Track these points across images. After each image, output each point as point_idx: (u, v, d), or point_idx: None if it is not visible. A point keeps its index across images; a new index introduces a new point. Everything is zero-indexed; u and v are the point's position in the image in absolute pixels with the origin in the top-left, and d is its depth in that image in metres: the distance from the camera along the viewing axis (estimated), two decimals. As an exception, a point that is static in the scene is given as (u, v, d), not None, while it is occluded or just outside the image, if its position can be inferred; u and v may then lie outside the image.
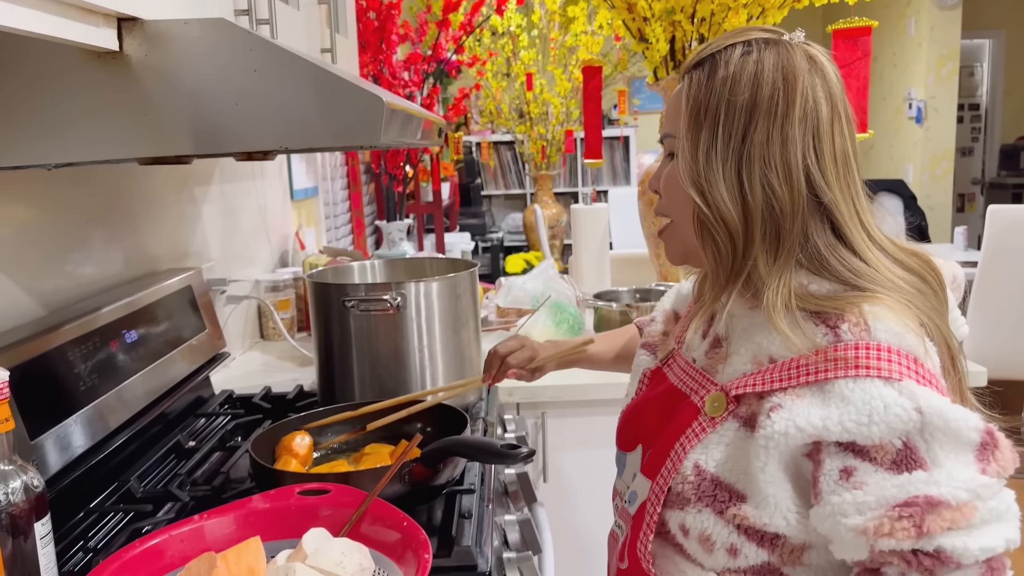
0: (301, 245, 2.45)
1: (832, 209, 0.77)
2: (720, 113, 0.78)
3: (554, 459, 1.72)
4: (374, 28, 2.91)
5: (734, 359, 0.80)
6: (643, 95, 5.79)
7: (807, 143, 0.77)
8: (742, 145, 0.77)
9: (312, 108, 0.91)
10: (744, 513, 0.74)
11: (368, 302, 1.35)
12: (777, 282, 0.76)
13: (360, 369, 1.40)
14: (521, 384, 1.69)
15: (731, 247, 0.78)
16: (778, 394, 0.73)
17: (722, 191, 0.77)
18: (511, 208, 5.95)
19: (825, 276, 0.77)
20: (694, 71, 0.82)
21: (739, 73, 0.78)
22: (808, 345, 0.73)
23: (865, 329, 0.72)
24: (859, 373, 0.69)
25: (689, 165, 0.79)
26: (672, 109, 0.85)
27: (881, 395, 0.68)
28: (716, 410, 0.78)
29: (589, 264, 2.30)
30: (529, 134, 4.82)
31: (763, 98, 0.77)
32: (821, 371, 0.71)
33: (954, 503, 0.64)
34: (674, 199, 0.85)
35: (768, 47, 0.79)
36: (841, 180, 0.78)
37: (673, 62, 2.16)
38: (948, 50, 5.54)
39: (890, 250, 0.80)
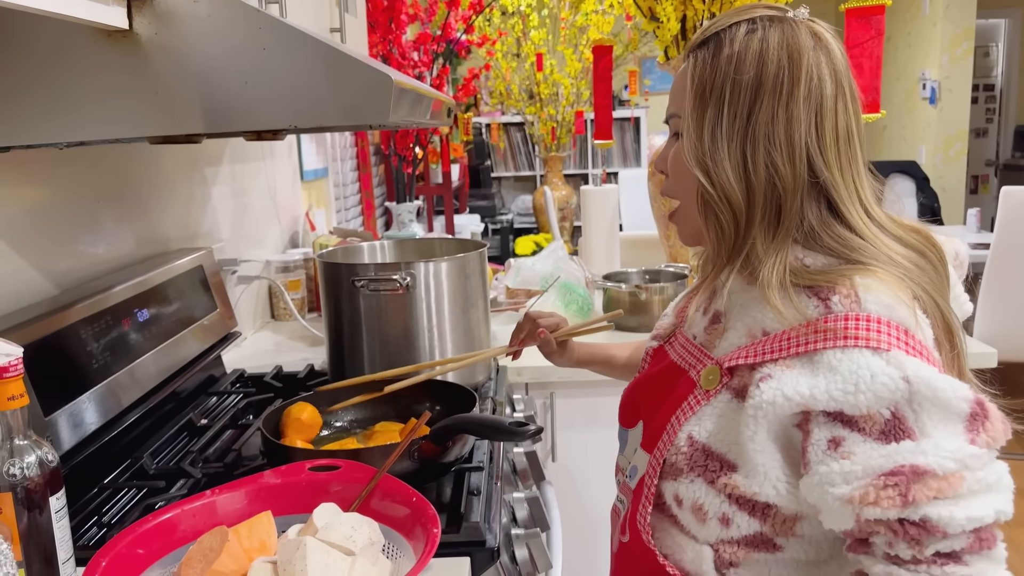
0: (311, 226, 2.45)
1: (829, 188, 0.77)
2: (725, 92, 0.78)
3: (562, 438, 1.73)
4: (383, 8, 2.90)
5: (730, 334, 0.81)
6: (654, 76, 5.76)
7: (810, 121, 0.77)
8: (747, 124, 0.77)
9: (321, 86, 0.91)
10: (734, 482, 0.75)
11: (378, 282, 1.35)
12: (774, 259, 0.76)
13: (370, 348, 1.40)
14: (530, 363, 1.69)
15: (733, 225, 0.78)
16: (768, 365, 0.74)
17: (727, 170, 0.77)
18: (521, 190, 5.94)
19: (817, 251, 0.78)
20: (699, 50, 0.81)
21: (744, 51, 0.78)
22: (799, 318, 0.73)
23: (855, 301, 0.72)
24: (847, 344, 0.70)
25: (694, 144, 0.79)
26: (677, 88, 0.84)
27: (868, 364, 0.68)
28: (711, 383, 0.79)
29: (599, 245, 2.30)
30: (539, 115, 4.81)
31: (768, 76, 0.77)
32: (811, 342, 0.72)
33: (940, 472, 0.64)
34: (680, 179, 0.85)
35: (773, 25, 0.78)
36: (842, 157, 0.78)
37: (684, 41, 2.14)
38: (963, 30, 5.47)
39: (888, 227, 0.80)
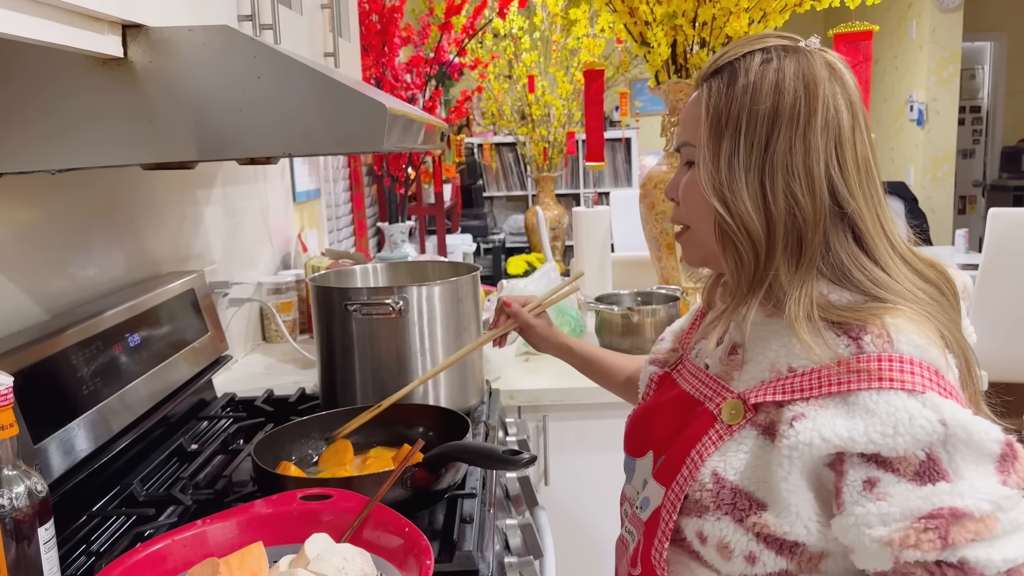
0: (303, 247, 2.45)
1: (855, 218, 0.78)
2: (742, 122, 0.78)
3: (556, 462, 1.73)
4: (376, 31, 2.91)
5: (751, 367, 0.80)
6: (644, 97, 5.80)
7: (829, 151, 0.77)
8: (764, 154, 0.77)
9: (316, 114, 0.92)
10: (765, 521, 0.74)
11: (370, 306, 1.35)
12: (799, 292, 0.76)
13: (362, 372, 1.40)
14: (523, 387, 1.69)
15: (753, 256, 0.78)
16: (799, 403, 0.73)
17: (745, 200, 0.77)
18: (513, 210, 5.95)
19: (846, 286, 0.77)
20: (712, 79, 0.81)
21: (760, 81, 0.78)
22: (830, 355, 0.73)
23: (888, 341, 0.72)
24: (883, 385, 0.69)
25: (711, 174, 0.79)
26: (690, 118, 0.84)
27: (906, 407, 0.68)
28: (734, 418, 0.78)
29: (591, 266, 2.30)
30: (531, 136, 4.83)
31: (785, 106, 0.77)
32: (844, 382, 0.71)
33: (977, 515, 0.64)
34: (694, 208, 0.85)
35: (787, 55, 0.79)
36: (864, 188, 0.78)
37: (674, 66, 2.16)
38: (949, 52, 5.54)
39: (910, 260, 0.80)
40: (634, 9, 2.15)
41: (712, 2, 2.03)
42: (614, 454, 1.64)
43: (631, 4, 2.15)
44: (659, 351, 1.07)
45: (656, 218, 2.14)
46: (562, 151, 4.96)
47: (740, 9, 2.02)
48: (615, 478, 1.70)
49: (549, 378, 1.75)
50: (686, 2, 2.05)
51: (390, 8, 2.90)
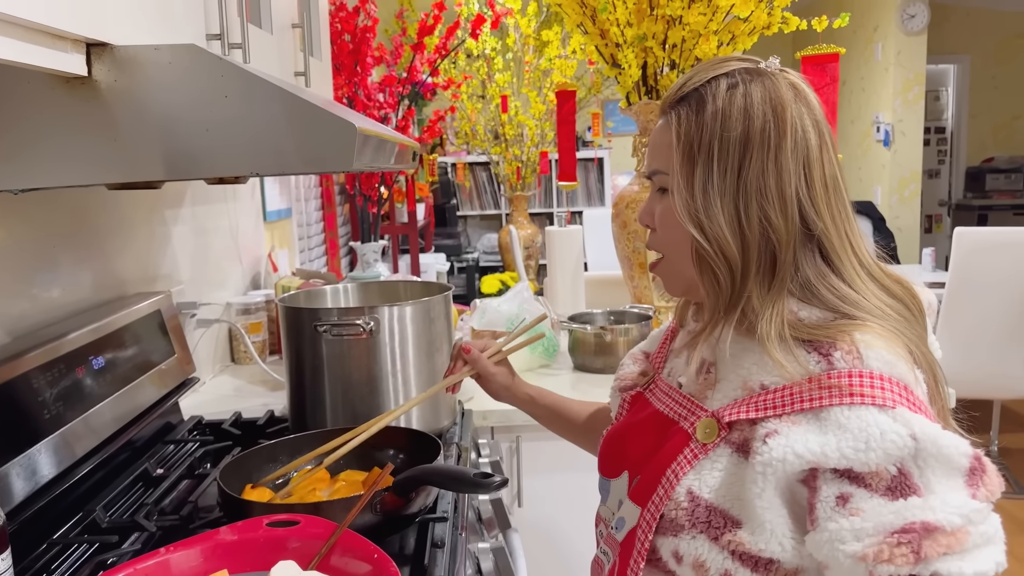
0: (274, 267, 2.43)
1: (823, 238, 0.79)
2: (714, 149, 0.79)
3: (529, 483, 1.71)
4: (349, 50, 2.91)
5: (724, 385, 0.81)
6: (616, 118, 5.84)
7: (799, 172, 0.78)
8: (738, 179, 0.78)
9: (284, 134, 0.91)
10: (740, 539, 0.74)
11: (340, 327, 1.34)
12: (770, 312, 0.77)
13: (332, 394, 1.38)
14: (496, 407, 1.68)
15: (730, 280, 0.79)
16: (772, 420, 0.74)
17: (721, 225, 0.78)
18: (486, 229, 5.96)
19: (815, 304, 0.79)
20: (680, 107, 0.82)
21: (728, 107, 0.79)
22: (801, 372, 0.74)
23: (858, 357, 0.73)
24: (854, 400, 0.70)
25: (686, 201, 0.80)
26: (660, 145, 0.85)
27: (877, 422, 0.69)
28: (708, 436, 0.78)
29: (564, 286, 2.31)
30: (504, 155, 4.85)
31: (755, 131, 0.78)
32: (816, 398, 0.72)
33: (949, 528, 0.65)
34: (670, 235, 0.85)
35: (752, 79, 0.80)
36: (832, 206, 0.80)
37: (645, 87, 2.18)
38: (914, 74, 5.65)
39: (878, 276, 0.81)
40: (605, 31, 2.17)
41: (681, 25, 2.05)
42: (588, 474, 1.64)
43: (602, 26, 2.17)
44: (625, 376, 1.06)
45: (628, 237, 2.15)
46: (535, 170, 4.98)
47: (709, 32, 2.04)
48: (589, 499, 1.69)
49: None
50: (656, 24, 2.07)
51: (362, 28, 2.91)
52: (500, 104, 4.60)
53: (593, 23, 2.19)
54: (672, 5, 2.01)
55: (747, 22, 2.05)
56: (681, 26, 2.05)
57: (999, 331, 3.31)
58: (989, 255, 3.28)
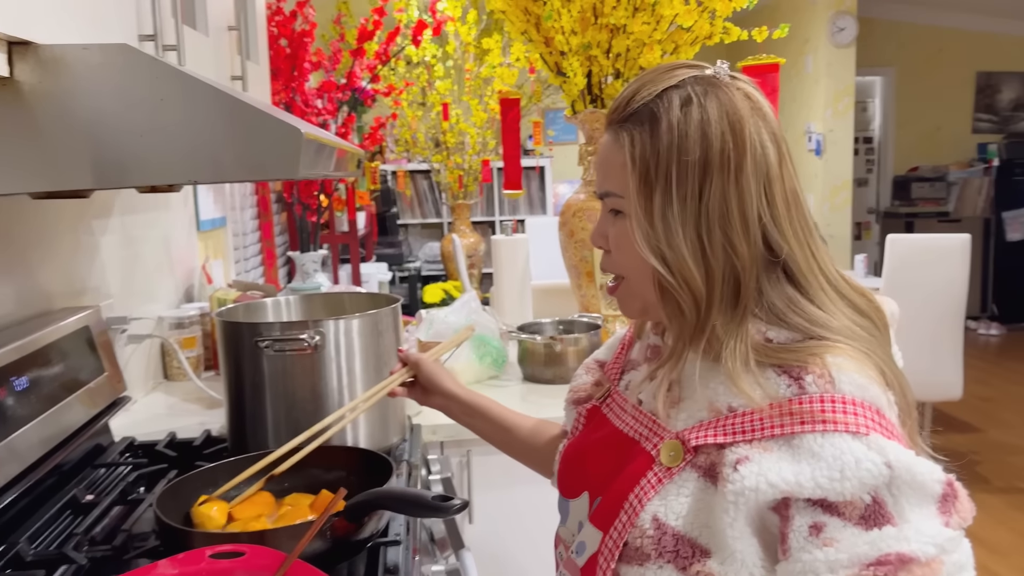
0: (208, 279, 2.34)
1: (788, 259, 0.76)
2: (672, 174, 0.75)
3: (480, 498, 1.67)
4: (286, 55, 2.84)
5: (688, 404, 0.78)
6: (558, 126, 5.86)
7: (760, 192, 0.75)
8: (699, 204, 0.75)
9: (224, 140, 0.86)
10: (709, 569, 0.71)
11: (283, 341, 1.28)
12: (734, 341, 0.74)
13: (275, 413, 1.32)
14: (445, 421, 1.64)
15: (694, 310, 0.76)
16: (742, 446, 0.71)
17: (684, 255, 0.75)
18: (428, 237, 5.90)
19: (783, 326, 0.76)
20: (631, 125, 0.78)
21: (685, 128, 0.75)
22: (771, 397, 0.71)
23: (829, 381, 0.70)
24: (827, 427, 0.68)
25: (646, 231, 0.77)
26: (611, 164, 0.81)
27: (851, 450, 0.66)
28: (673, 460, 0.75)
29: (511, 295, 2.28)
30: (446, 163, 4.80)
31: (715, 153, 0.74)
32: (787, 424, 0.69)
33: (923, 559, 0.64)
34: (628, 260, 0.82)
35: (707, 93, 0.77)
36: (795, 224, 0.77)
37: (590, 96, 2.18)
38: (844, 86, 5.81)
39: (845, 292, 0.79)
40: (549, 39, 2.15)
41: (626, 34, 2.05)
42: (540, 488, 1.61)
43: (546, 34, 2.15)
44: (580, 387, 1.03)
45: (576, 246, 2.14)
46: (477, 179, 4.95)
47: (653, 41, 2.04)
48: (541, 514, 1.66)
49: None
50: (600, 33, 2.07)
51: (300, 32, 2.84)
52: (441, 112, 4.56)
53: (537, 31, 2.17)
54: (616, 14, 2.01)
55: (690, 32, 2.06)
56: (625, 35, 2.04)
57: (930, 335, 3.41)
58: (920, 261, 3.38)
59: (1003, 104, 7.30)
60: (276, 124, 0.86)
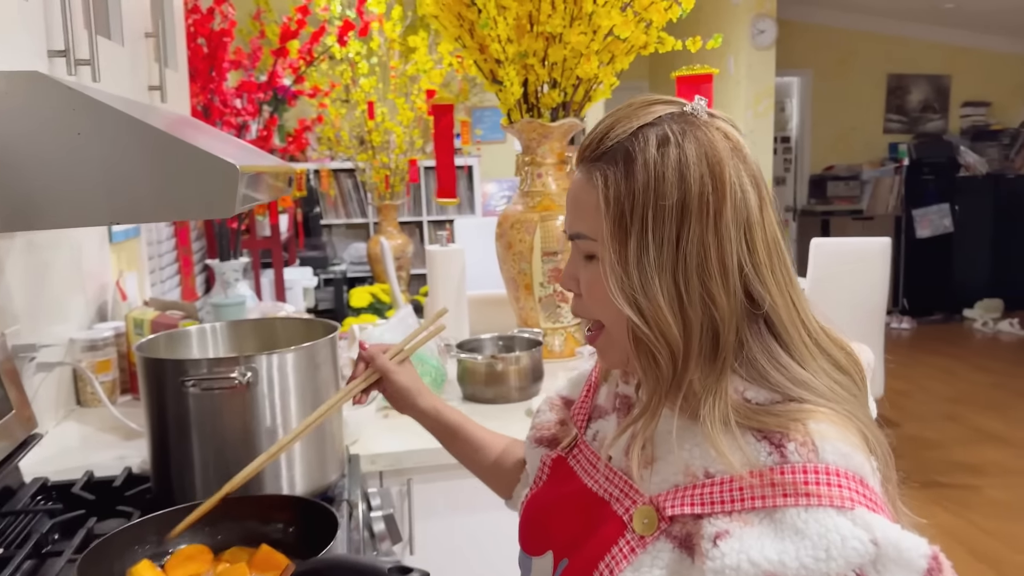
0: (123, 295, 2.20)
1: (770, 312, 0.72)
2: (648, 219, 0.71)
3: (422, 527, 1.61)
4: (203, 56, 2.70)
5: (662, 466, 0.73)
6: (485, 125, 5.80)
7: (740, 239, 0.71)
8: (676, 251, 0.70)
9: (153, 178, 0.77)
10: None
11: (211, 380, 1.19)
12: (713, 396, 0.70)
13: (202, 454, 1.23)
14: (385, 449, 1.57)
15: (671, 364, 0.71)
16: (721, 518, 0.67)
17: (660, 306, 0.70)
18: (353, 238, 5.76)
19: (762, 384, 0.72)
20: (605, 165, 0.74)
21: (662, 171, 0.70)
22: (749, 465, 0.67)
23: (813, 450, 0.67)
24: (811, 501, 0.64)
25: (620, 279, 0.72)
26: (582, 205, 0.76)
27: (837, 526, 0.63)
28: (647, 528, 0.71)
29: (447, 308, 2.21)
30: (372, 163, 4.69)
31: (693, 197, 0.70)
32: (769, 496, 0.66)
33: None
34: (601, 307, 0.77)
35: (685, 133, 0.72)
36: (777, 273, 0.73)
37: (526, 104, 2.13)
38: (764, 87, 5.93)
39: (825, 346, 0.75)
40: (484, 46, 2.09)
41: (562, 43, 2.01)
42: (484, 517, 1.56)
43: (481, 41, 2.09)
44: (543, 426, 0.98)
45: (514, 258, 2.09)
46: (404, 179, 4.85)
47: (591, 52, 2.01)
48: (484, 544, 1.62)
49: (414, 436, 1.62)
50: (536, 41, 2.02)
51: (219, 31, 2.70)
52: (366, 110, 4.44)
53: (471, 37, 2.11)
54: (552, 22, 1.96)
55: (625, 42, 2.03)
56: (562, 44, 2.00)
57: (852, 336, 3.49)
58: (842, 263, 3.46)
59: (912, 105, 7.60)
60: (209, 161, 0.78)
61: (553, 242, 2.05)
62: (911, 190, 7.16)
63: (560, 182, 2.12)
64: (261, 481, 1.22)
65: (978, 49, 7.49)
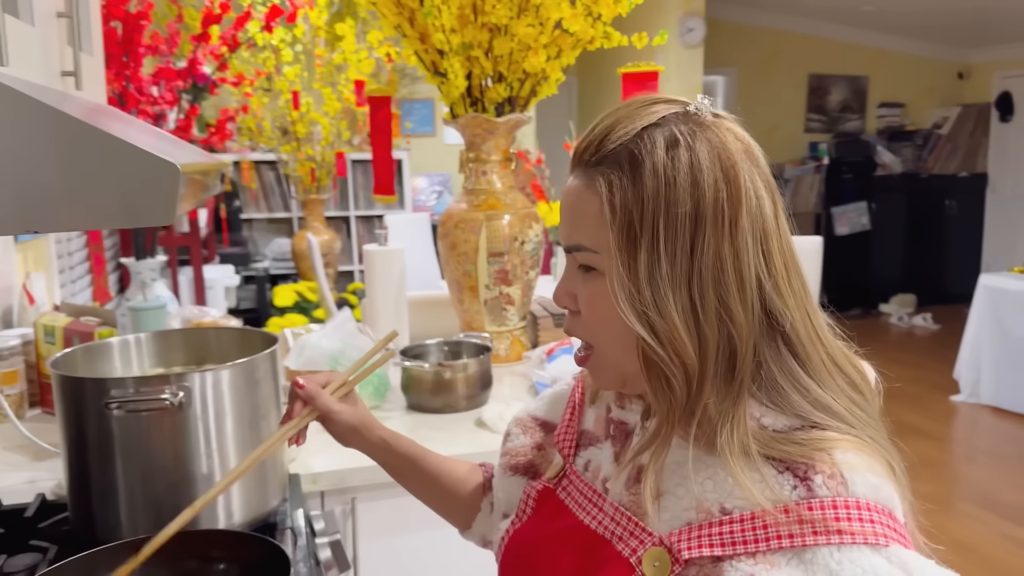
0: (30, 299, 2.01)
1: (788, 329, 0.66)
2: (659, 226, 0.65)
3: (367, 548, 1.51)
4: (118, 40, 2.51)
5: (671, 501, 0.67)
6: (415, 118, 5.66)
7: (757, 250, 0.66)
8: (691, 263, 0.64)
9: (70, 178, 0.66)
10: None
11: (139, 401, 1.06)
12: (731, 423, 0.64)
13: (128, 483, 1.10)
14: (326, 468, 1.46)
15: (685, 386, 0.65)
16: (744, 560, 0.60)
17: (675, 323, 0.64)
18: (276, 233, 5.54)
19: (781, 409, 0.66)
20: (608, 169, 0.67)
21: (673, 176, 0.64)
22: (774, 500, 0.61)
23: (842, 483, 0.61)
24: (843, 540, 0.59)
25: (630, 293, 0.65)
26: (582, 215, 0.69)
27: (873, 567, 0.58)
28: (659, 572, 0.64)
29: (386, 312, 2.10)
30: (296, 155, 4.51)
31: (707, 204, 0.64)
32: (797, 535, 0.59)
33: None
34: (604, 325, 0.70)
35: (695, 133, 0.66)
36: (793, 285, 0.68)
37: (470, 99, 2.03)
38: (693, 86, 5.97)
39: (841, 364, 0.70)
40: (425, 35, 1.99)
41: (508, 35, 1.92)
42: (430, 534, 1.47)
43: (421, 30, 1.99)
44: (517, 451, 0.91)
45: (458, 259, 2.00)
46: (331, 172, 4.69)
47: (539, 45, 1.93)
48: (435, 563, 1.53)
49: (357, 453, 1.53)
50: (480, 32, 1.93)
51: (135, 14, 2.51)
52: (291, 100, 4.26)
53: (412, 25, 2.00)
54: (497, 13, 1.88)
55: (573, 36, 1.96)
56: (509, 37, 1.92)
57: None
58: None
59: (832, 105, 7.80)
60: (144, 159, 0.67)
61: (499, 243, 1.96)
62: (831, 188, 7.35)
63: (505, 180, 2.04)
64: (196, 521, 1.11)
65: (895, 52, 7.74)
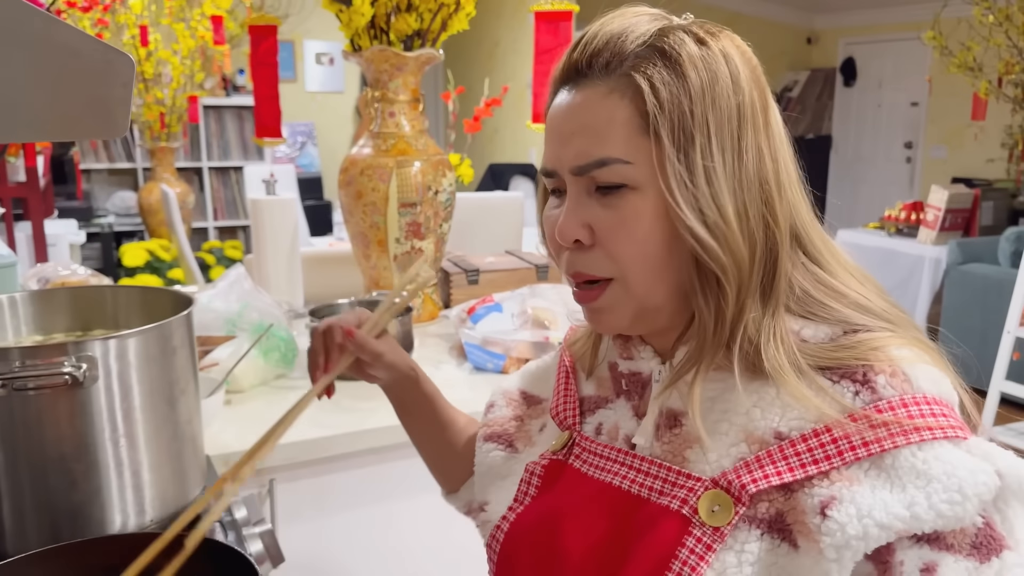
0: None
1: (812, 239, 0.64)
2: (709, 122, 0.60)
3: (287, 533, 1.34)
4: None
5: (714, 440, 0.60)
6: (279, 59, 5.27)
7: (784, 151, 0.64)
8: (738, 161, 0.61)
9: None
10: None
11: (28, 377, 0.85)
12: (774, 339, 0.59)
13: (12, 478, 0.88)
14: (238, 447, 1.28)
15: (736, 295, 0.60)
16: (819, 482, 0.55)
17: (731, 222, 0.59)
18: (117, 185, 5.02)
19: (818, 319, 0.62)
20: (641, 67, 0.61)
21: (715, 70, 0.60)
22: (838, 409, 0.56)
23: (905, 380, 0.57)
24: (923, 437, 0.54)
25: (690, 192, 0.59)
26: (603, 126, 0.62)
27: (960, 462, 0.53)
28: (720, 517, 0.57)
29: (278, 270, 1.89)
30: (144, 98, 4.08)
31: (746, 102, 0.61)
32: (872, 441, 0.55)
33: None
34: (636, 248, 0.62)
35: (714, 35, 0.63)
36: (802, 192, 0.65)
37: (374, 30, 1.84)
38: (566, 38, 5.92)
39: (853, 271, 0.67)
40: (324, -43, 1.77)
41: (420, -41, 1.74)
42: (354, 514, 1.34)
43: (320, -49, 1.77)
44: (497, 421, 0.83)
45: (364, 210, 1.81)
46: (182, 118, 4.29)
47: (454, -30, 1.76)
48: (361, 543, 1.39)
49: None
50: (388, -46, 1.74)
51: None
52: (137, 36, 3.83)
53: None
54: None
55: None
56: (421, -40, 1.74)
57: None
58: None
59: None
60: (97, 49, 0.48)
61: (411, 192, 1.80)
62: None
63: (415, 123, 1.86)
64: (90, 514, 0.91)
65: (749, 16, 8.02)
